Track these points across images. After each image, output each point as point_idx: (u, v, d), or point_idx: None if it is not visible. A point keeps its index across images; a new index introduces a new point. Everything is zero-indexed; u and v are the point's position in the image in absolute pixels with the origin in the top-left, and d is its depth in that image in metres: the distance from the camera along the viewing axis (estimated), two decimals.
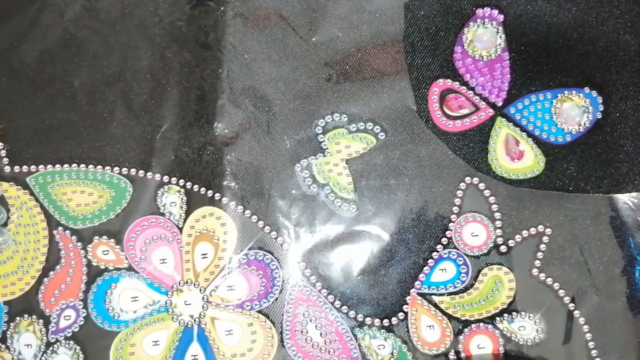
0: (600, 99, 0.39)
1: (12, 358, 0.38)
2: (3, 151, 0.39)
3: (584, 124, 0.39)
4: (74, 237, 0.39)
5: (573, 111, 0.39)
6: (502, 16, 0.39)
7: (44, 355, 0.38)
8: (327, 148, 0.39)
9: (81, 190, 0.39)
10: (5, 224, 0.39)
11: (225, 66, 0.39)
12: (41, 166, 0.39)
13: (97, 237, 0.38)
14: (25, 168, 0.39)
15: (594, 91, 0.39)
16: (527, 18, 0.39)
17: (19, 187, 0.39)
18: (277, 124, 0.39)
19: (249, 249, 0.38)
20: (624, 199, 0.38)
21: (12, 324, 0.38)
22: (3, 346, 0.38)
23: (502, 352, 0.38)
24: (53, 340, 0.38)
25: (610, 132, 0.39)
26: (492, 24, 0.39)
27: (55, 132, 0.39)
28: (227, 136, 0.39)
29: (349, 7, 0.40)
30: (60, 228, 0.39)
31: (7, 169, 0.39)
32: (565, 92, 0.39)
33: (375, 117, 0.39)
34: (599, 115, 0.39)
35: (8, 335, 0.38)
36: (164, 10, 0.40)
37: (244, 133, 0.39)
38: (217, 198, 0.38)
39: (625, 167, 0.38)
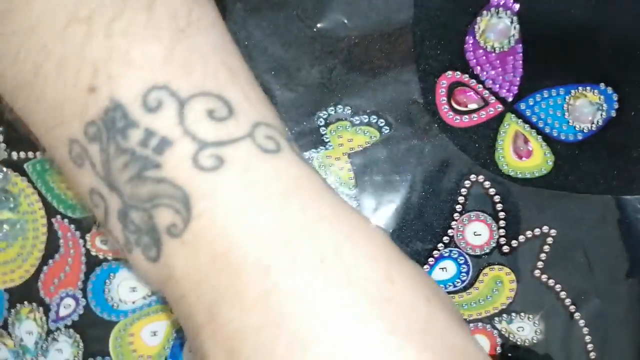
0: (615, 96, 0.36)
1: (15, 344, 0.38)
2: (1, 136, 0.38)
3: (597, 122, 0.37)
4: (72, 226, 0.37)
5: (586, 108, 0.37)
6: (517, 5, 0.37)
7: (45, 342, 0.38)
8: (329, 141, 0.37)
9: None
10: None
11: None
12: (38, 153, 0.38)
13: (95, 227, 0.37)
14: (23, 154, 0.38)
15: (610, 87, 0.37)
16: (544, 8, 0.36)
17: (17, 173, 0.38)
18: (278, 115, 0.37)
19: None
20: (633, 202, 0.37)
21: (12, 310, 0.38)
22: (5, 332, 0.38)
23: (499, 352, 0.38)
24: (53, 328, 0.37)
25: (622, 131, 0.36)
26: (506, 13, 0.37)
27: None
28: None
29: None
30: (58, 216, 0.37)
31: (5, 155, 0.38)
32: (580, 88, 0.36)
33: (379, 109, 0.37)
34: (613, 114, 0.36)
35: (9, 323, 0.38)
36: None
37: None
38: None
39: (636, 169, 0.37)
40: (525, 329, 0.36)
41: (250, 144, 0.23)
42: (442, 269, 0.36)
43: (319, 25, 0.37)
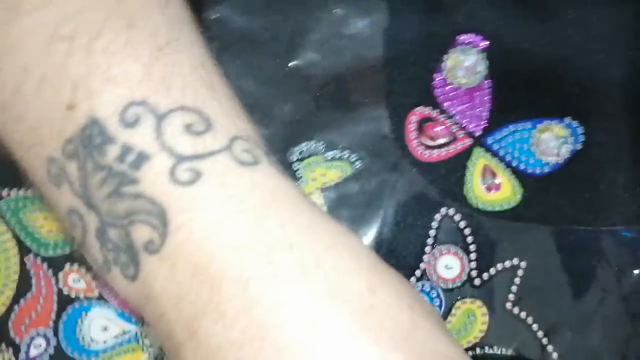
0: (581, 130, 0.37)
1: None
2: None
3: (564, 154, 0.37)
4: (44, 265, 0.36)
5: (552, 142, 0.38)
6: (484, 42, 0.38)
7: None
8: (302, 176, 0.38)
9: (53, 216, 0.37)
10: None
11: None
12: (12, 191, 0.37)
13: (68, 265, 0.36)
14: None
15: (575, 121, 0.38)
16: (511, 45, 0.37)
17: None
18: None
19: None
20: (602, 234, 0.37)
21: None
22: None
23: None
24: None
25: (589, 164, 0.37)
26: (474, 50, 0.38)
27: None
28: None
29: (328, 31, 0.37)
30: (31, 255, 0.37)
31: None
32: (545, 122, 0.37)
33: (351, 145, 0.37)
34: (579, 146, 0.37)
35: None
36: None
37: None
38: None
39: (604, 201, 0.37)
40: None
41: (227, 157, 0.23)
42: None
43: (292, 63, 0.37)
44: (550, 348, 0.36)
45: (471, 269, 0.37)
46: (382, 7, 0.37)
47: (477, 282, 0.37)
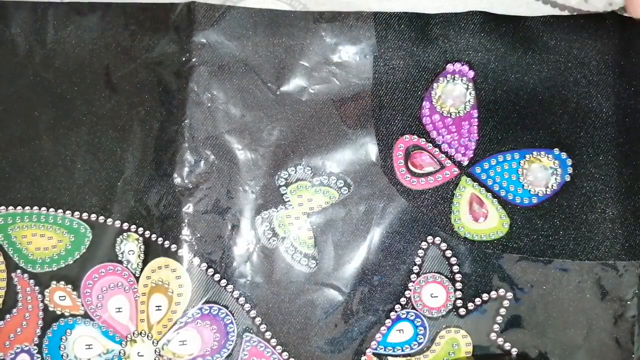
0: (569, 161, 0.37)
1: None
2: None
3: (552, 186, 0.37)
4: (31, 281, 0.37)
5: (540, 173, 0.38)
6: (472, 72, 0.38)
7: None
8: (289, 200, 0.38)
9: (41, 233, 0.37)
10: None
11: (188, 114, 0.37)
12: (2, 207, 0.38)
13: (54, 282, 0.36)
14: None
15: (564, 153, 0.37)
16: (499, 75, 0.38)
17: None
18: (239, 175, 0.37)
19: (204, 302, 0.36)
20: (589, 266, 0.37)
21: None
22: None
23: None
24: None
25: (577, 195, 0.37)
26: (462, 79, 0.38)
27: (17, 174, 0.38)
28: (186, 187, 0.36)
29: (318, 58, 0.38)
30: (18, 271, 0.37)
31: None
32: (534, 152, 0.37)
33: (339, 171, 0.37)
34: (568, 178, 0.37)
35: None
36: (130, 56, 0.39)
37: (204, 184, 0.37)
38: (173, 250, 0.36)
39: (592, 233, 0.37)
40: None
41: None
42: (399, 330, 0.36)
43: (281, 89, 0.38)
44: None
45: (456, 299, 0.36)
46: (371, 36, 0.37)
47: (462, 311, 0.36)
